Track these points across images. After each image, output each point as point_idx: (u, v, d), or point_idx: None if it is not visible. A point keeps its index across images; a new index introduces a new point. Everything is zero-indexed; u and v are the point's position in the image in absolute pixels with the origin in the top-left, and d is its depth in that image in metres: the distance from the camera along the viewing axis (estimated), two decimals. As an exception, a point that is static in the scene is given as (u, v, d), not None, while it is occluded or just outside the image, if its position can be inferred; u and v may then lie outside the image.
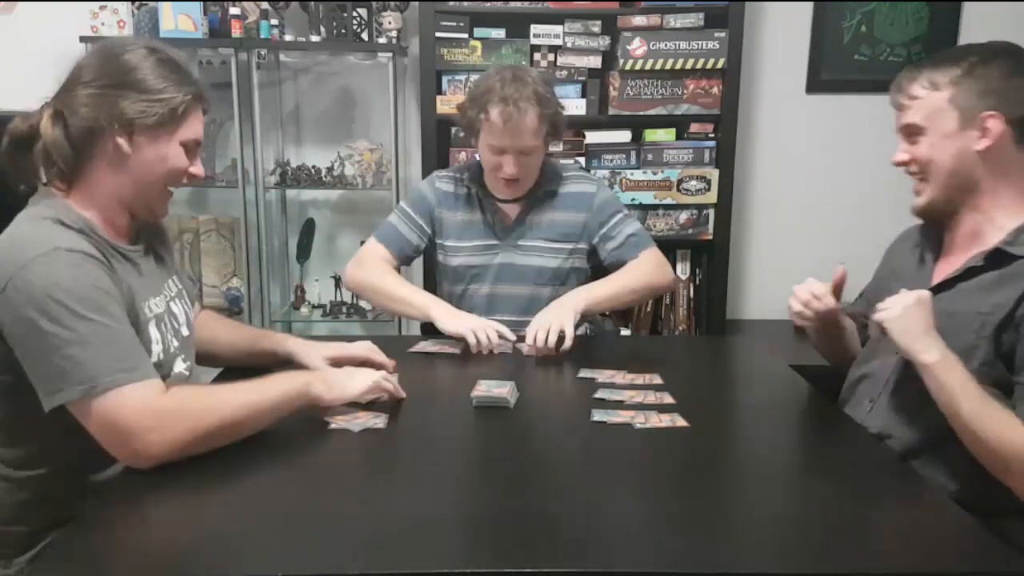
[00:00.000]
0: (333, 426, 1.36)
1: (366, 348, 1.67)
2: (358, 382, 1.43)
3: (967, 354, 1.33)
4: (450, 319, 1.87)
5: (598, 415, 1.43)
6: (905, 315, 1.34)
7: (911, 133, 1.44)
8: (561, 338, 1.77)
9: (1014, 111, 1.37)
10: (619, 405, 1.48)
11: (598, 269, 2.13)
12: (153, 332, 1.37)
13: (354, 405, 1.43)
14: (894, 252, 1.66)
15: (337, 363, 1.61)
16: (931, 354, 1.31)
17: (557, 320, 1.79)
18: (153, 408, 1.19)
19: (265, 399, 1.29)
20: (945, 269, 1.46)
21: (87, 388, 1.16)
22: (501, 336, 1.82)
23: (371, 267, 2.06)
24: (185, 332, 1.50)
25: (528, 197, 2.08)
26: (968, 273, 1.41)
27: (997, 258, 1.38)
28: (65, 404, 1.18)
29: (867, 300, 1.65)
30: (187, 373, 1.48)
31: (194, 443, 1.21)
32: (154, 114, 1.30)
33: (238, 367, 1.62)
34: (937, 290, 1.42)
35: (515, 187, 2.03)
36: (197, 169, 1.41)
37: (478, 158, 2.09)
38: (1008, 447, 1.24)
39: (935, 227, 1.53)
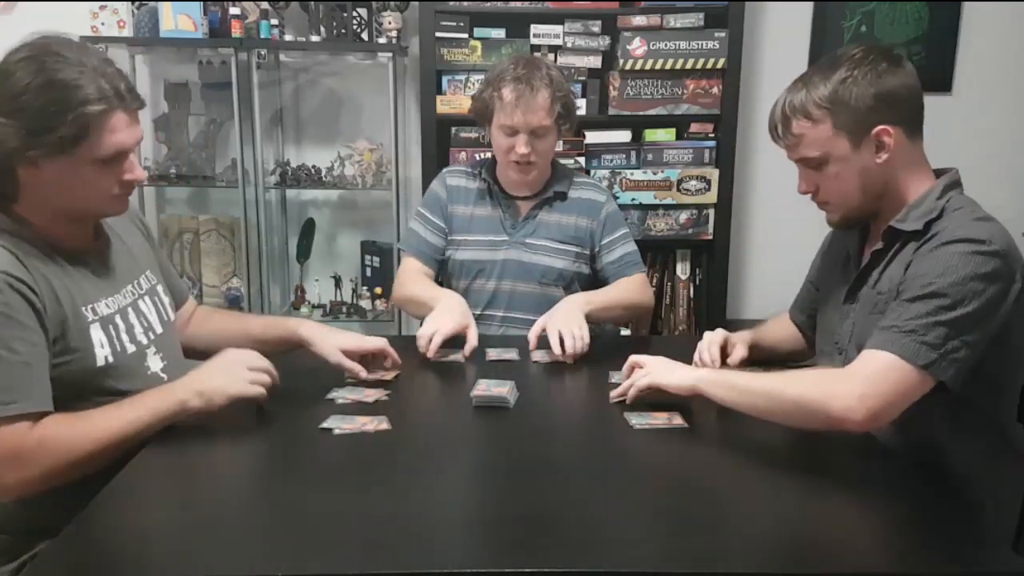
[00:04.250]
0: (336, 432, 1.35)
1: (382, 343, 1.64)
2: (237, 380, 1.36)
3: None
4: (430, 316, 1.84)
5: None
6: (659, 364, 1.45)
7: (810, 165, 1.44)
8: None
9: (899, 114, 1.37)
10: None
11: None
12: (97, 335, 1.34)
13: (355, 411, 1.42)
14: (833, 241, 1.67)
15: (352, 356, 1.57)
16: (691, 376, 1.41)
17: (576, 326, 1.76)
18: (13, 448, 1.19)
19: (134, 425, 1.27)
20: (867, 257, 1.48)
21: None
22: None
23: (405, 281, 2.08)
24: (159, 329, 1.48)
25: (540, 195, 2.10)
26: (874, 258, 1.44)
27: (892, 236, 1.40)
28: None
29: (813, 291, 1.71)
30: (163, 375, 1.45)
31: (56, 478, 1.22)
32: (45, 145, 1.23)
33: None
34: (859, 283, 1.47)
35: (528, 172, 2.02)
36: (133, 175, 1.35)
37: (488, 155, 2.12)
38: (809, 390, 1.28)
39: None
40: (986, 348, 1.28)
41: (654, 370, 1.45)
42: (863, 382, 1.25)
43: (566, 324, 1.76)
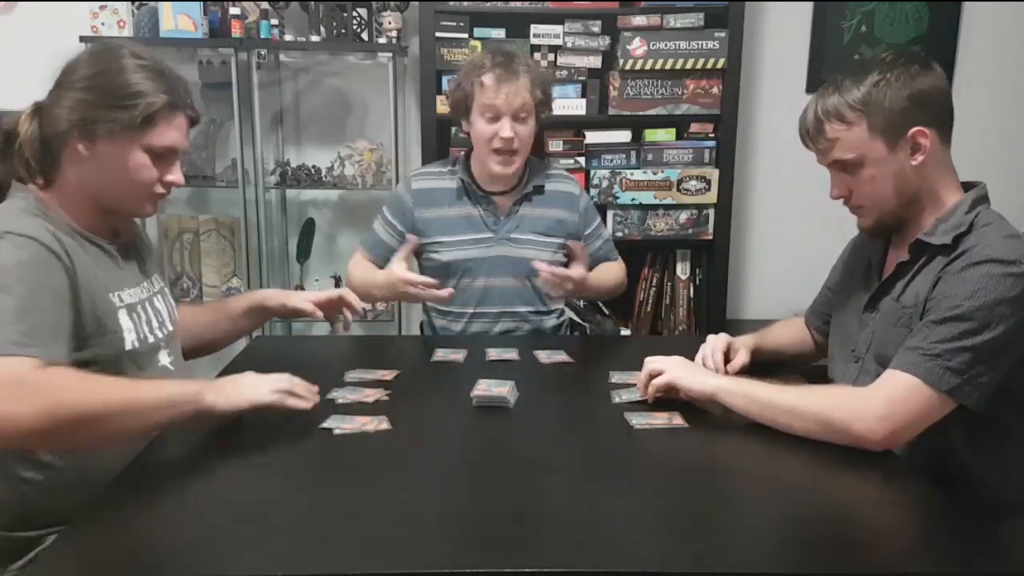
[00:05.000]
0: (336, 432, 1.35)
1: (342, 290, 1.83)
2: (260, 387, 1.32)
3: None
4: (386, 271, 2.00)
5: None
6: (680, 365, 1.46)
7: (843, 168, 1.43)
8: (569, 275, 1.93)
9: (932, 116, 1.37)
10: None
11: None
12: (124, 320, 1.38)
13: (355, 411, 1.43)
14: (856, 248, 1.67)
15: (320, 305, 1.79)
16: (711, 383, 1.42)
17: (575, 281, 1.93)
18: (13, 380, 1.14)
19: (144, 397, 1.23)
20: (890, 270, 1.47)
21: None
22: None
23: (350, 272, 2.17)
24: (169, 327, 1.51)
25: (518, 190, 2.12)
26: (899, 269, 1.43)
27: (920, 249, 1.40)
28: None
29: (831, 297, 1.69)
30: (172, 368, 1.49)
31: (50, 424, 1.13)
32: (111, 120, 1.30)
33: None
34: (881, 293, 1.46)
35: (510, 162, 2.03)
36: (173, 177, 1.40)
37: (461, 154, 2.16)
38: (832, 408, 1.30)
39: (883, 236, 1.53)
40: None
41: (673, 370, 1.45)
42: (885, 403, 1.26)
43: (569, 272, 1.95)
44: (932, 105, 1.36)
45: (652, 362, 1.48)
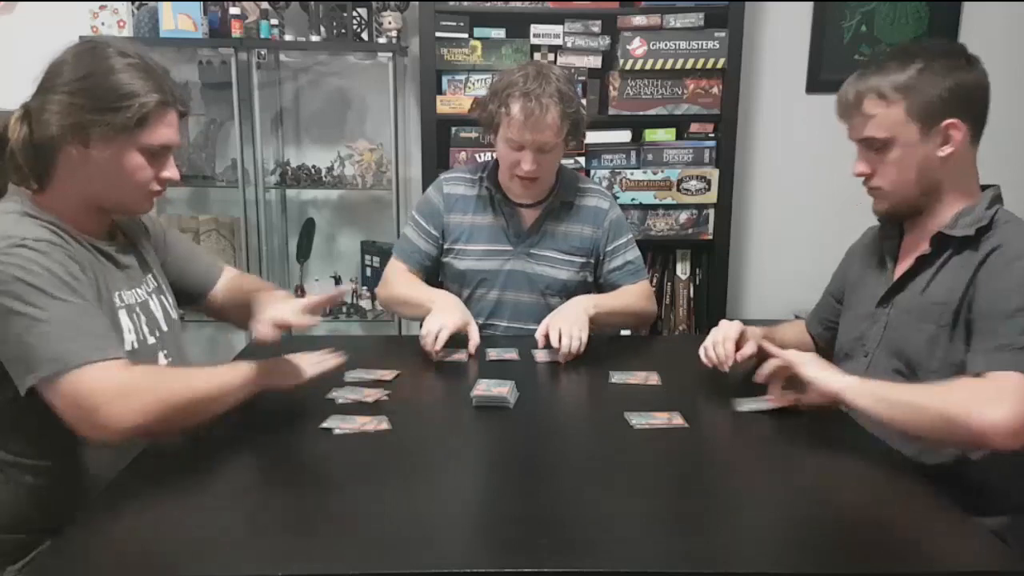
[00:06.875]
0: (336, 432, 1.36)
1: (307, 301, 1.62)
2: (305, 367, 1.47)
3: (931, 344, 1.36)
4: (432, 314, 1.81)
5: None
6: (814, 360, 1.40)
7: (872, 147, 1.43)
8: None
9: (970, 112, 1.38)
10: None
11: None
12: (125, 321, 1.38)
13: (355, 411, 1.43)
14: (856, 254, 1.66)
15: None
16: (839, 381, 1.34)
17: (577, 327, 1.75)
18: (118, 380, 1.21)
19: (230, 379, 1.33)
20: (905, 265, 1.47)
21: (57, 366, 1.18)
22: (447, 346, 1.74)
23: (393, 282, 2.08)
24: (165, 327, 1.50)
25: (545, 204, 2.06)
26: (919, 263, 1.43)
27: (942, 243, 1.40)
28: (36, 385, 1.18)
29: (832, 304, 1.69)
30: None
31: (160, 416, 1.21)
32: (105, 123, 1.28)
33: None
34: (898, 288, 1.45)
35: (531, 187, 1.99)
36: (169, 173, 1.40)
37: (492, 156, 2.08)
38: (952, 404, 1.24)
39: (895, 224, 1.53)
40: None
41: (806, 363, 1.40)
42: (1011, 401, 1.21)
43: (567, 324, 1.75)
44: (971, 100, 1.39)
45: (790, 351, 1.45)
